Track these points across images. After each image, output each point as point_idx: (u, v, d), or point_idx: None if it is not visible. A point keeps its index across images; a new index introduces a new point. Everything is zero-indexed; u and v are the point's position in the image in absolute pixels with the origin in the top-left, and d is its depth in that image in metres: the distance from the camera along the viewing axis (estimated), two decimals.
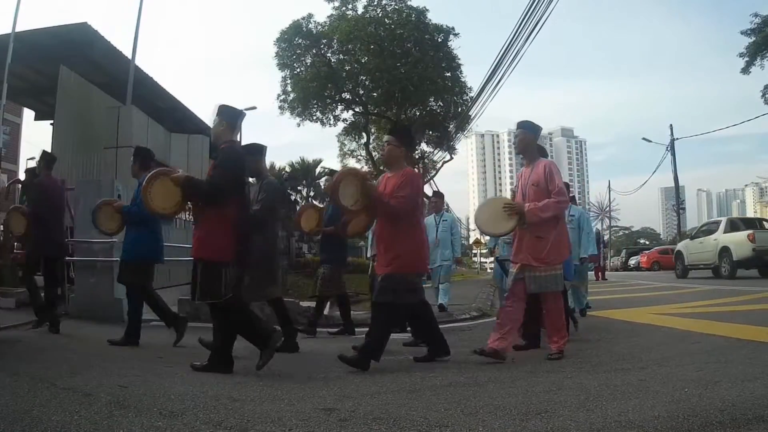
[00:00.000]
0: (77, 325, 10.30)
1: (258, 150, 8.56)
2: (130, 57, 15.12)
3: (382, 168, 40.27)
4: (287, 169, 64.84)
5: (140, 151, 9.07)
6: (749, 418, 4.03)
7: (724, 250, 24.73)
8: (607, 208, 62.36)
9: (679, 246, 30.78)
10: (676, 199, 53.74)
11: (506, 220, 7.48)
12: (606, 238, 36.85)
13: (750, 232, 23.93)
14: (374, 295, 7.52)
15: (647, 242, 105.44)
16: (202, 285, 6.48)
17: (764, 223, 28.03)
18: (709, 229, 27.73)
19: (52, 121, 15.76)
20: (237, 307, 6.69)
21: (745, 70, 36.08)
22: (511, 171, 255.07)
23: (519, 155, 8.07)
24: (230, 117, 6.99)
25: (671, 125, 49.78)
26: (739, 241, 24.07)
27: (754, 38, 35.23)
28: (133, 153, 9.08)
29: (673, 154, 49.17)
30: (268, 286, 8.43)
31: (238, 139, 7.76)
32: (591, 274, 29.59)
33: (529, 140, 7.78)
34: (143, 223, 8.54)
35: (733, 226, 25.93)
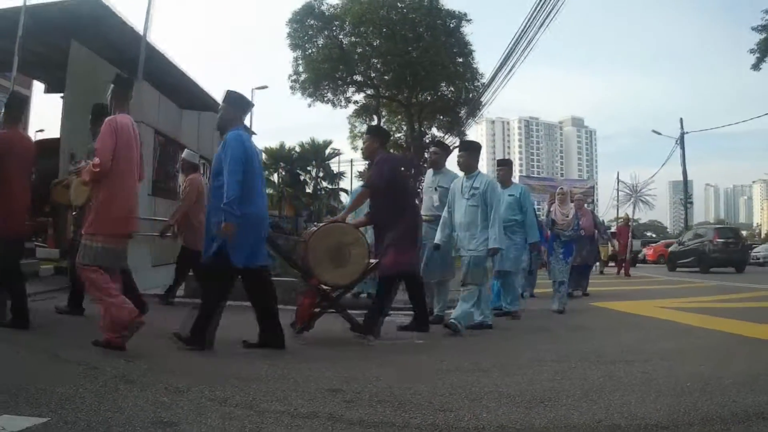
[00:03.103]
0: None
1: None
2: (141, 32, 15.09)
3: (391, 151, 40.43)
4: (297, 149, 64.78)
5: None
6: (750, 414, 4.09)
7: None
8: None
9: None
10: (684, 193, 53.58)
11: (82, 189, 6.79)
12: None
13: None
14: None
15: (654, 235, 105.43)
16: None
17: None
18: None
19: (62, 94, 15.76)
20: None
21: (756, 67, 35.71)
22: (520, 159, 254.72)
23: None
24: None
25: (681, 119, 49.60)
26: None
27: (765, 35, 34.95)
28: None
29: (683, 148, 49.00)
30: None
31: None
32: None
33: (118, 96, 6.58)
34: None
35: None
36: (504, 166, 11.37)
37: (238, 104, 6.87)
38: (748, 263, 31.17)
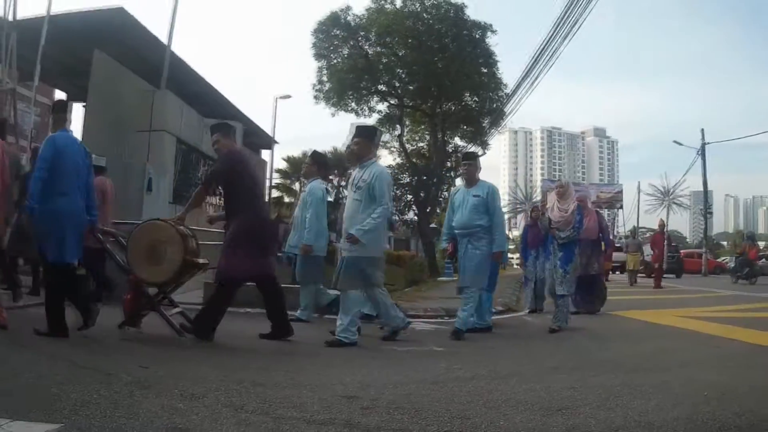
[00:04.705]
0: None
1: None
2: (165, 41, 15.18)
3: (414, 160, 40.41)
4: None
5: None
6: (766, 425, 4.06)
7: None
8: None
9: None
10: (704, 203, 53.35)
11: None
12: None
13: None
14: None
15: (674, 244, 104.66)
16: None
17: None
18: None
19: (84, 104, 15.88)
20: None
21: None
22: (542, 168, 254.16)
23: None
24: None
25: (702, 129, 49.45)
26: None
27: None
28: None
29: (704, 159, 48.81)
30: None
31: None
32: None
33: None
34: None
35: None
36: (469, 161, 9.73)
37: (58, 110, 7.91)
38: (683, 271, 40.68)
